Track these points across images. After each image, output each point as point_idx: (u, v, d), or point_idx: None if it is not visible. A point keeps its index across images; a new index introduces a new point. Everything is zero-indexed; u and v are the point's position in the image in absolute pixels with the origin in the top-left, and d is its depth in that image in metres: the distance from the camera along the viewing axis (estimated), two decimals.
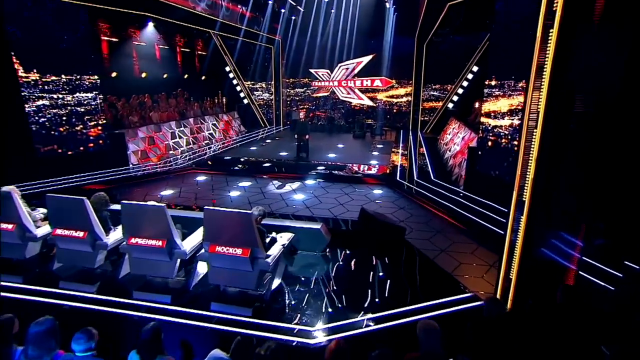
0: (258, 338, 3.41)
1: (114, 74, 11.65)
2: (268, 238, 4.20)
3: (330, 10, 16.94)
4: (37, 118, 8.37)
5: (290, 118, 19.20)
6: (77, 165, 8.84)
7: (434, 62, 16.00)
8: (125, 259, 4.44)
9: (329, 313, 3.96)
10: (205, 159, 11.61)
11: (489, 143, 7.55)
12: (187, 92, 15.05)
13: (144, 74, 12.95)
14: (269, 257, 3.96)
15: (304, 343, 3.51)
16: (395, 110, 18.27)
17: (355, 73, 18.31)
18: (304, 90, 19.72)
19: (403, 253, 5.32)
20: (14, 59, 7.84)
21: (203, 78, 16.43)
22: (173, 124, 12.78)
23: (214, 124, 15.30)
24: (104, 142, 9.64)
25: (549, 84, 3.31)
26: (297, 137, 12.21)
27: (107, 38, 11.39)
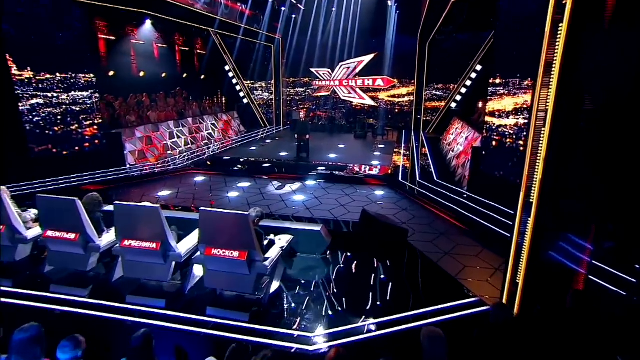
0: (254, 346, 3.28)
1: (112, 73, 11.56)
2: (266, 240, 4.09)
3: (331, 9, 16.87)
4: (31, 117, 8.24)
5: (291, 118, 19.08)
6: (72, 166, 8.71)
7: (437, 61, 15.79)
8: (119, 262, 4.32)
9: (330, 317, 3.85)
10: (204, 159, 11.49)
11: (494, 143, 7.42)
12: (185, 91, 14.93)
13: (142, 73, 12.86)
14: (267, 260, 3.84)
15: (303, 350, 3.39)
16: (397, 110, 18.16)
17: (357, 72, 18.19)
18: (305, 90, 19.61)
19: (405, 256, 5.22)
20: (7, 57, 7.70)
21: (202, 77, 16.32)
22: (171, 124, 12.65)
23: (213, 124, 15.17)
24: (100, 141, 9.51)
25: (558, 81, 3.19)
26: (297, 137, 12.10)
27: (104, 36, 11.30)
